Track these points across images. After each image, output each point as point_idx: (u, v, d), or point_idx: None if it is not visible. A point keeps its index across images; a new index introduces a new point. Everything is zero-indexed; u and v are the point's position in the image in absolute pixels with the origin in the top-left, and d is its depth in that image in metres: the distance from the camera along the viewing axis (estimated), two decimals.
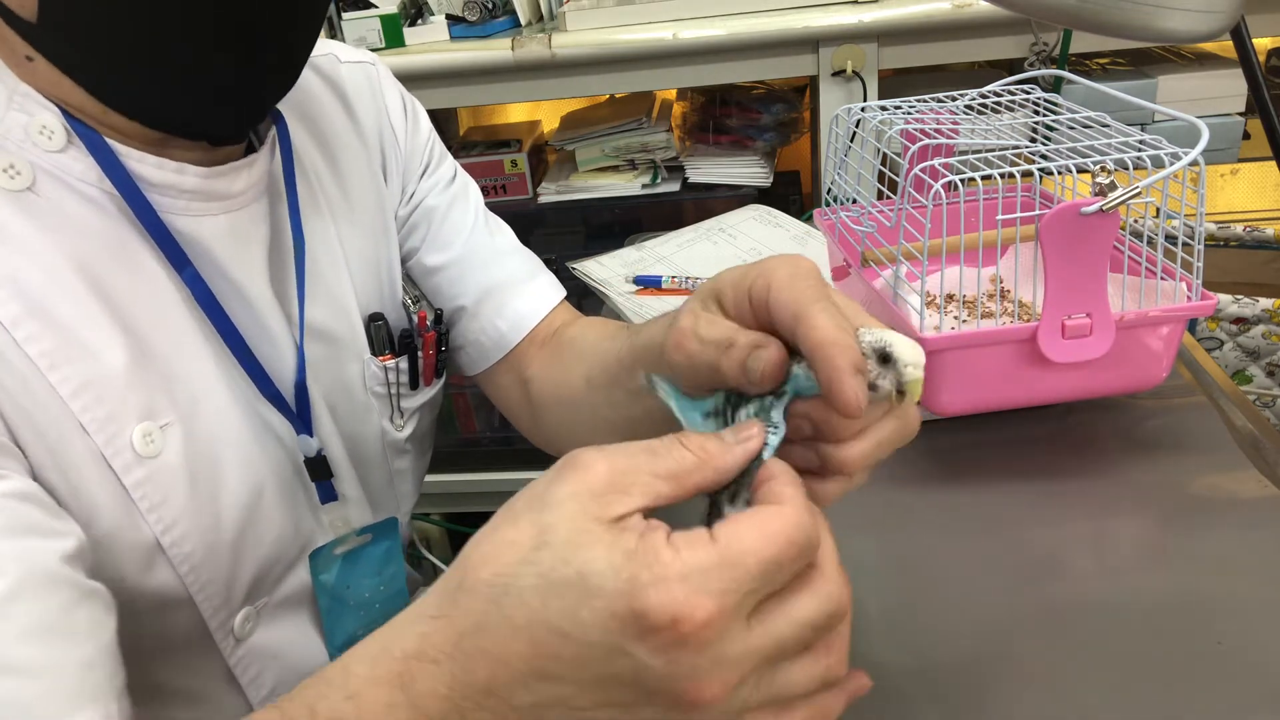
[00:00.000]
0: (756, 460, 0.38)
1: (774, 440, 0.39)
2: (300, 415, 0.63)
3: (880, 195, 0.84)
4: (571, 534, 0.33)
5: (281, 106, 0.64)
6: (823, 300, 0.40)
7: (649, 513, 0.35)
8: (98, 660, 0.44)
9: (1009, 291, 0.82)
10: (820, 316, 0.39)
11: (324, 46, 0.72)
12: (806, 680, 0.35)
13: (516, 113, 2.02)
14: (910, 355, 0.38)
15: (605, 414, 0.64)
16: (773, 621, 0.33)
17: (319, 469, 0.65)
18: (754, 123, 1.65)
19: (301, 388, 0.63)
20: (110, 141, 0.53)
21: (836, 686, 0.36)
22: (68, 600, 0.44)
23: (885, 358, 0.39)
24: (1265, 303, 1.30)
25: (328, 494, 0.66)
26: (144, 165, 0.54)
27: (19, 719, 0.40)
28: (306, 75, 0.69)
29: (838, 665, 0.36)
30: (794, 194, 1.87)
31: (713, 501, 0.38)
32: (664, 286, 1.05)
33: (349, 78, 0.71)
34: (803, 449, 0.42)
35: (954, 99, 0.86)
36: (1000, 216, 0.69)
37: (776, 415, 0.40)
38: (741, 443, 0.38)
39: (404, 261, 0.75)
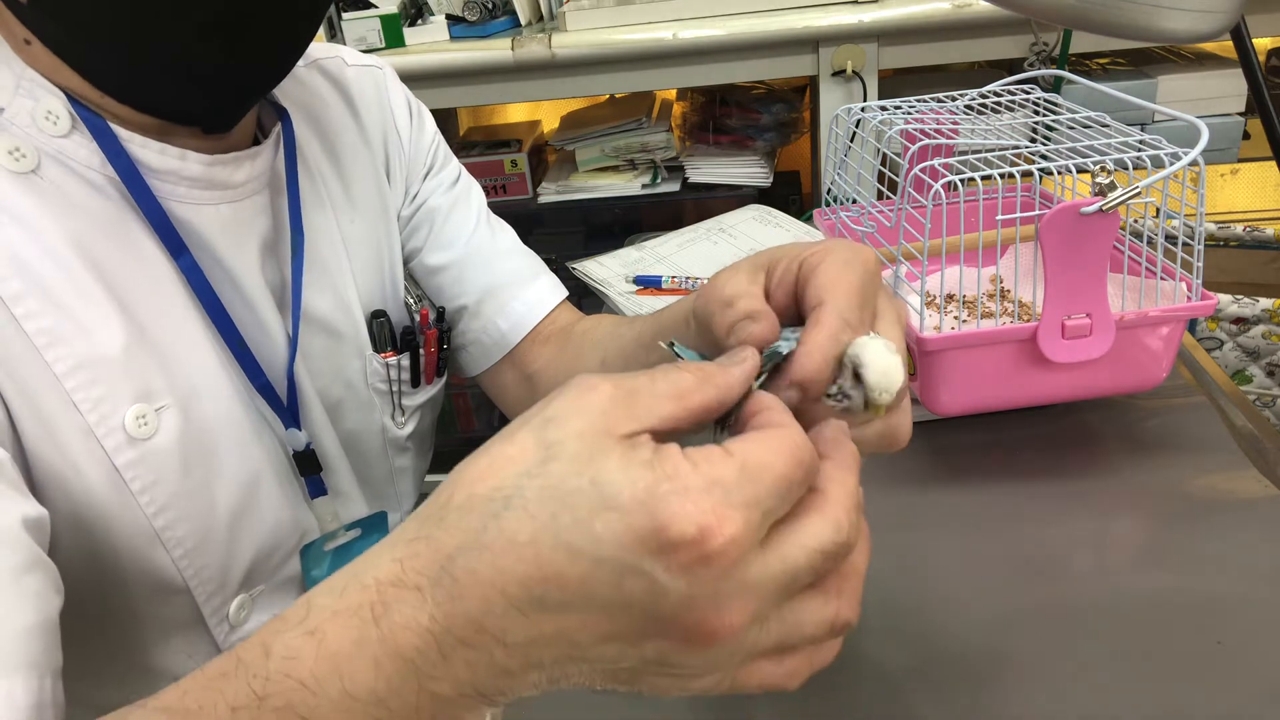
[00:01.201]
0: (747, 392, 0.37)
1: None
2: (290, 409, 0.63)
3: (880, 195, 0.84)
4: (582, 446, 0.30)
5: (287, 105, 0.64)
6: (846, 301, 0.39)
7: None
8: (40, 630, 0.41)
9: (1009, 291, 0.82)
10: (828, 317, 0.39)
11: (332, 50, 0.73)
12: (816, 623, 0.32)
13: (516, 113, 2.02)
14: (876, 379, 0.38)
15: None
16: (785, 546, 0.31)
17: (307, 463, 0.65)
18: (754, 123, 1.65)
19: (292, 382, 0.63)
20: (114, 127, 0.53)
21: (843, 634, 0.34)
22: (19, 563, 0.42)
23: (858, 375, 0.39)
24: (1265, 303, 1.30)
25: (317, 488, 0.66)
26: (146, 151, 0.54)
27: None
28: (313, 77, 0.70)
29: (848, 610, 0.33)
30: (794, 194, 1.88)
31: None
32: (664, 286, 1.05)
33: (355, 81, 0.72)
34: None
35: (954, 99, 0.86)
36: (1000, 216, 0.69)
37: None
38: (738, 364, 0.36)
39: (407, 261, 0.75)
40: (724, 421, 0.36)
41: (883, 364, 0.38)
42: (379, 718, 0.31)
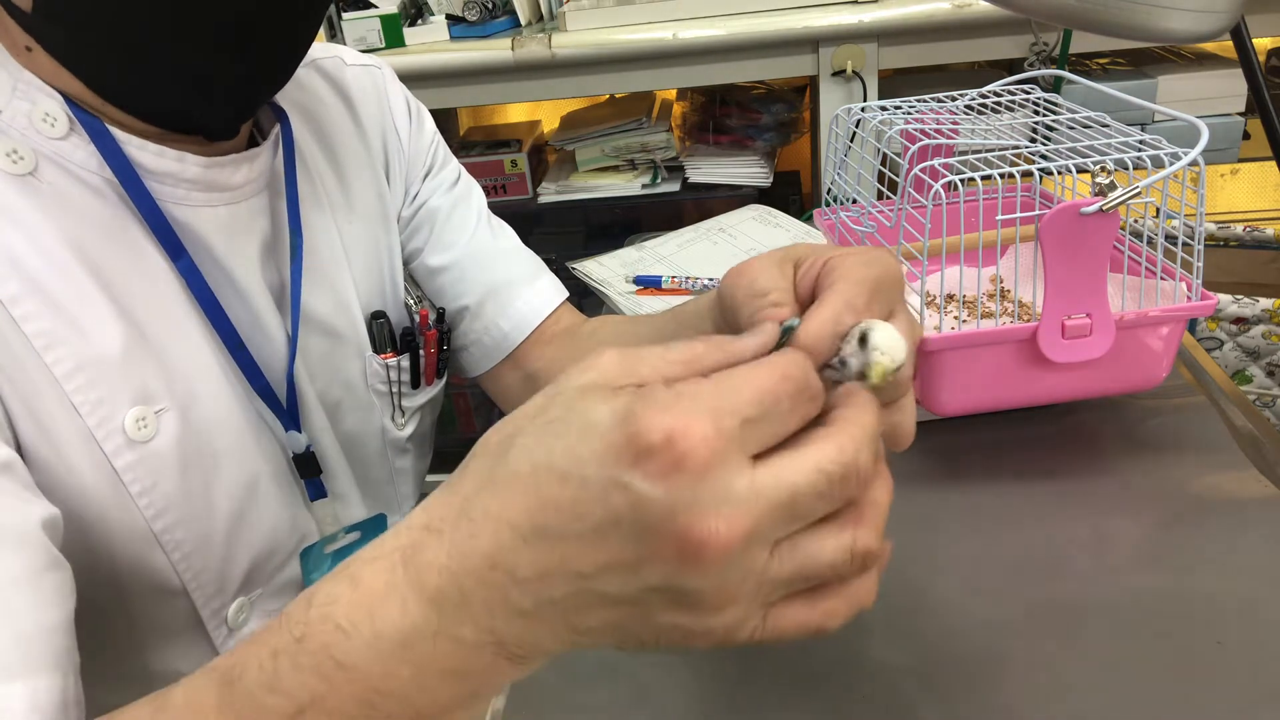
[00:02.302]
0: None
1: None
2: (290, 411, 0.63)
3: (880, 195, 0.84)
4: (579, 392, 0.32)
5: (285, 106, 0.64)
6: (856, 290, 0.39)
7: None
8: (60, 629, 0.43)
9: (1009, 291, 0.82)
10: (833, 297, 0.39)
11: (330, 49, 0.73)
12: (834, 551, 0.32)
13: (516, 113, 2.02)
14: (883, 341, 0.38)
15: None
16: (781, 466, 0.31)
17: (307, 465, 0.65)
18: (754, 123, 1.65)
19: (292, 384, 0.63)
20: (111, 129, 0.53)
21: (871, 567, 0.33)
22: (39, 563, 0.43)
23: (864, 340, 0.39)
24: (1265, 303, 1.30)
25: (317, 491, 0.66)
26: (144, 153, 0.54)
27: None
28: (311, 77, 0.70)
29: (868, 537, 0.32)
30: (794, 194, 1.88)
31: None
32: (664, 286, 1.05)
33: (354, 81, 0.72)
34: None
35: (954, 99, 0.86)
36: (1000, 216, 0.69)
37: None
38: (755, 335, 0.36)
39: (408, 263, 0.75)
40: None
41: (890, 336, 0.38)
42: (404, 660, 0.32)
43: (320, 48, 0.72)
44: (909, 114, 0.83)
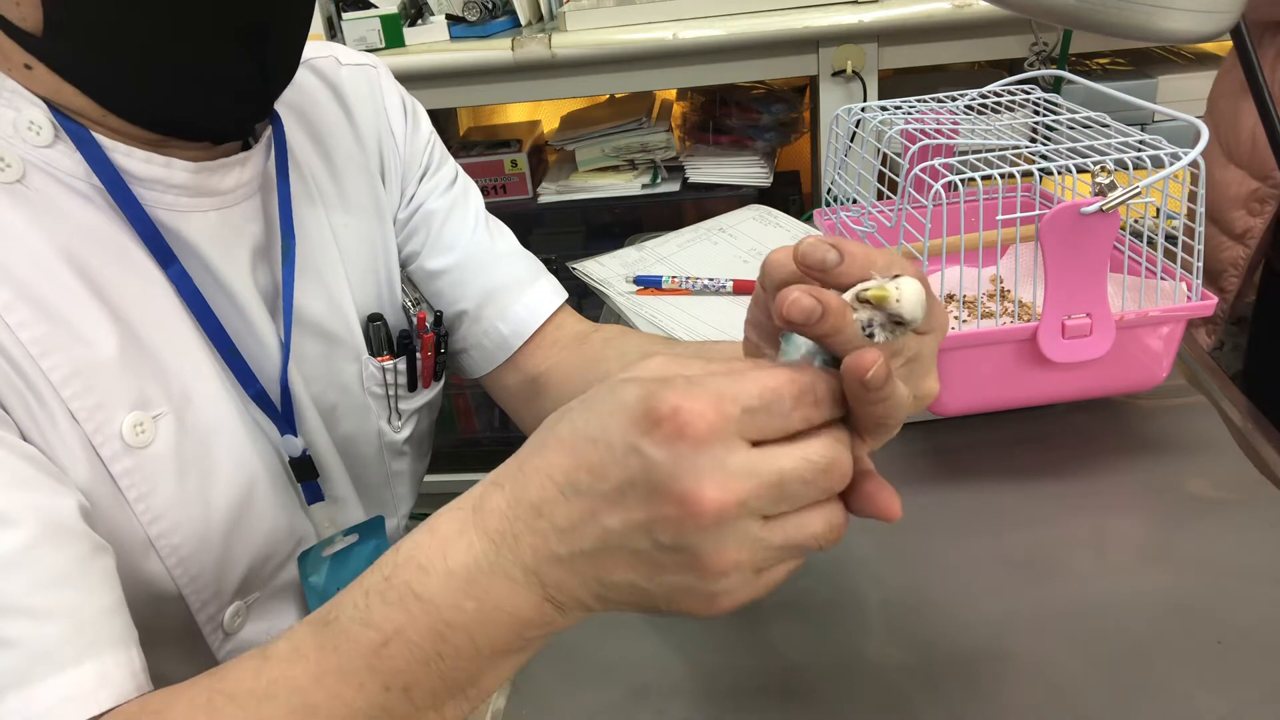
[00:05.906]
0: None
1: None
2: (285, 415, 0.63)
3: (880, 195, 0.84)
4: (622, 380, 0.36)
5: (279, 107, 0.63)
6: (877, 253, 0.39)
7: None
8: (116, 609, 0.46)
9: (1009, 291, 0.82)
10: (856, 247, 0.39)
11: (324, 49, 0.72)
12: (819, 525, 0.36)
13: (516, 113, 2.02)
14: (903, 286, 0.37)
15: None
16: (777, 451, 0.35)
17: (304, 469, 0.64)
18: (754, 123, 1.65)
19: (286, 388, 0.63)
20: (97, 136, 0.53)
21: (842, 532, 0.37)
22: (85, 551, 0.46)
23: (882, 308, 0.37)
24: None
25: (314, 494, 0.66)
26: (131, 160, 0.54)
27: (41, 662, 0.42)
28: (305, 76, 0.69)
29: (842, 513, 0.37)
30: (794, 194, 1.88)
31: None
32: (664, 286, 1.05)
33: (348, 80, 0.71)
34: None
35: (954, 99, 0.86)
36: (1000, 216, 0.69)
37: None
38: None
39: (406, 265, 0.74)
40: None
41: (914, 289, 0.37)
42: (469, 594, 0.37)
43: (315, 47, 0.71)
44: (909, 114, 0.83)
